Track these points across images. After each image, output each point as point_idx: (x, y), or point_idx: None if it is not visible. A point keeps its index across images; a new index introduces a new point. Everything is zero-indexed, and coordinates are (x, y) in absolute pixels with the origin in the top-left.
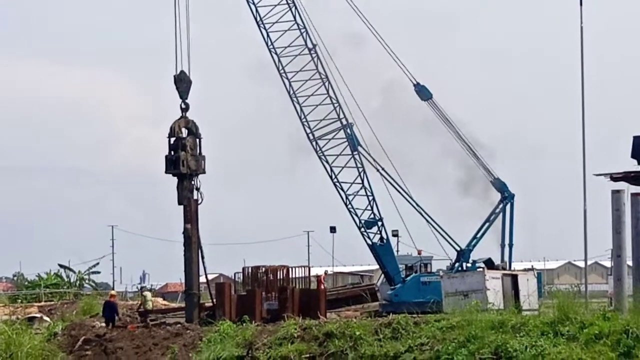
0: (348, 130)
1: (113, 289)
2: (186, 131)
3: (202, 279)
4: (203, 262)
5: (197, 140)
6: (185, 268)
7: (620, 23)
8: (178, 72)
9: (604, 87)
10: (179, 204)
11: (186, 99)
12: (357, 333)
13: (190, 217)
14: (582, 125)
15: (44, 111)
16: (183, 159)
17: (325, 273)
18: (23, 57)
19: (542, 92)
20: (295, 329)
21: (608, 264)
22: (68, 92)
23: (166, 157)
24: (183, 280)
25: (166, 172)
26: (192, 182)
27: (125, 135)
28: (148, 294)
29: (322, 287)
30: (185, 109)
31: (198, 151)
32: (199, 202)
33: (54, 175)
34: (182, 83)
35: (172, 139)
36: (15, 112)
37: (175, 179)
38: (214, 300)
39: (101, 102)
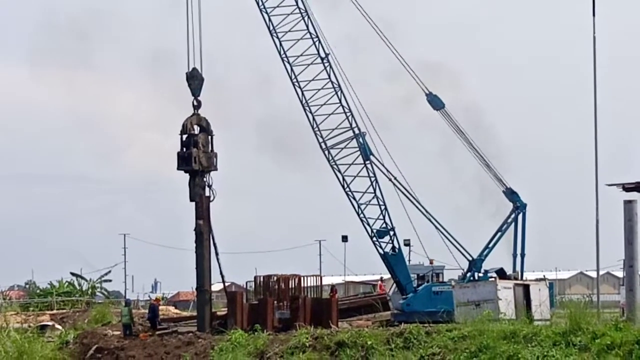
0: (360, 140)
1: (125, 297)
2: (198, 128)
3: (215, 287)
4: (217, 259)
5: (209, 137)
6: (196, 265)
7: (635, 30)
8: (190, 69)
9: (617, 96)
10: (191, 200)
11: (198, 95)
12: (369, 342)
13: (202, 213)
14: (594, 136)
15: (52, 118)
16: (195, 155)
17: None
18: (31, 64)
19: (555, 100)
20: (307, 338)
21: (620, 274)
22: (77, 98)
23: (178, 153)
24: (194, 289)
25: (178, 169)
26: (204, 179)
27: (137, 141)
28: (125, 309)
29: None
30: (197, 106)
31: (210, 148)
32: (211, 199)
33: (65, 182)
34: (194, 80)
35: (184, 136)
36: (24, 119)
37: (187, 177)
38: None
39: (111, 107)
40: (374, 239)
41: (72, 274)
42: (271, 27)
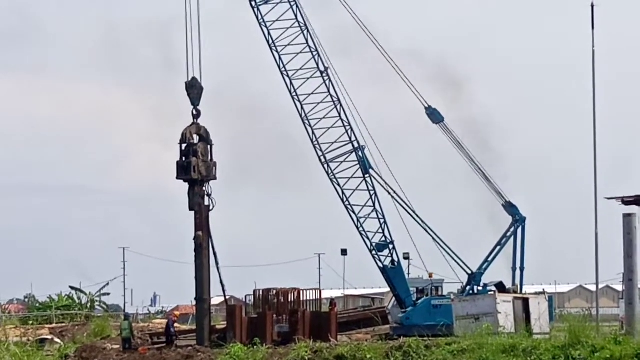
0: (360, 153)
1: (124, 311)
2: (197, 137)
3: (214, 301)
4: (218, 268)
5: (209, 146)
6: (195, 275)
7: (634, 42)
8: (189, 78)
9: (618, 108)
10: (190, 209)
11: (198, 105)
12: (368, 356)
13: (201, 223)
14: (593, 149)
15: (51, 128)
16: (194, 164)
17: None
18: (31, 74)
19: (554, 110)
20: (306, 351)
21: (619, 287)
22: (76, 109)
23: (177, 163)
24: (194, 303)
25: (177, 178)
26: (203, 188)
27: (136, 152)
28: (125, 323)
29: None
30: (196, 115)
31: (209, 157)
32: (211, 208)
33: (63, 194)
34: (194, 89)
35: (184, 145)
36: (23, 129)
37: (187, 187)
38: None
39: (111, 118)
40: (374, 252)
41: (72, 287)
42: (270, 41)
